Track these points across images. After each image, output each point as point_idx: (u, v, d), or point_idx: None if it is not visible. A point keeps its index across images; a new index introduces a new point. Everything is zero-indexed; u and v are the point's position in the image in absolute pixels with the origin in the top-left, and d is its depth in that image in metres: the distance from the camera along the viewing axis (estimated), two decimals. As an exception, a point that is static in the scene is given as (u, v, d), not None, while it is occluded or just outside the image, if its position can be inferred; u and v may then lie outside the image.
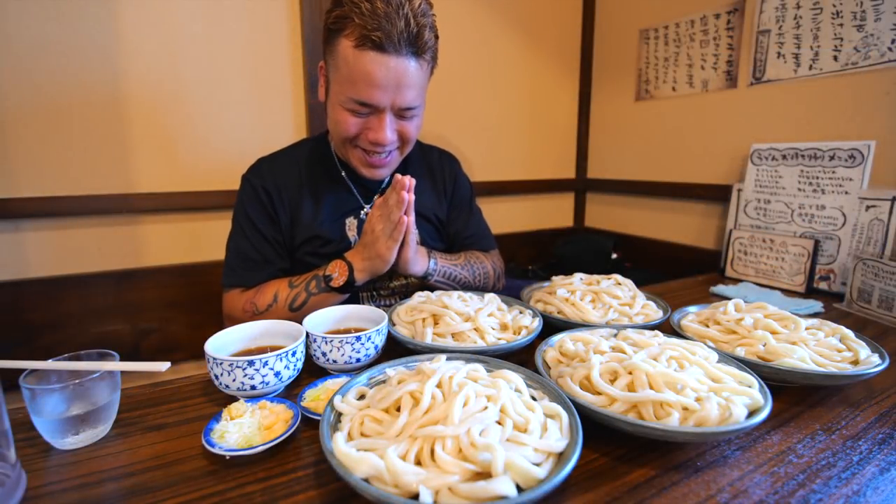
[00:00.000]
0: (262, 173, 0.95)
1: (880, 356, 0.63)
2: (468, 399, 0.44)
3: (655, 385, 0.49)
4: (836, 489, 0.44)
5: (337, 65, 0.79)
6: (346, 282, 0.82)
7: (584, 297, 0.82)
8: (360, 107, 0.80)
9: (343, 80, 0.79)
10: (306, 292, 0.84)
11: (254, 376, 0.55)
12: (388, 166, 0.91)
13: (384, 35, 0.73)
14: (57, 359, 0.53)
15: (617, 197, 1.88)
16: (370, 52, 0.75)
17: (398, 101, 0.80)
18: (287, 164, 0.97)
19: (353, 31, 0.75)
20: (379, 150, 0.86)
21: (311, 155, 0.98)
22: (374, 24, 0.73)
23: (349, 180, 0.97)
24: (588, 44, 1.88)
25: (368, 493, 0.36)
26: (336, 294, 0.84)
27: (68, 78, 1.11)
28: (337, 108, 0.83)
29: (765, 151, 1.25)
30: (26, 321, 1.14)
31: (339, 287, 0.82)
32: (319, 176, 0.96)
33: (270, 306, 0.85)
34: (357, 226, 0.95)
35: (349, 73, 0.77)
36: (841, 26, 1.13)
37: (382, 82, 0.77)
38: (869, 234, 1.06)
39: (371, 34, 0.73)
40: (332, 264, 0.84)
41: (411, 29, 0.75)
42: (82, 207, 1.17)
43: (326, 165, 0.97)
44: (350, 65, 0.77)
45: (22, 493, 0.43)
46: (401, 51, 0.76)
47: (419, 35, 0.76)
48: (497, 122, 1.77)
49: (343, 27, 0.76)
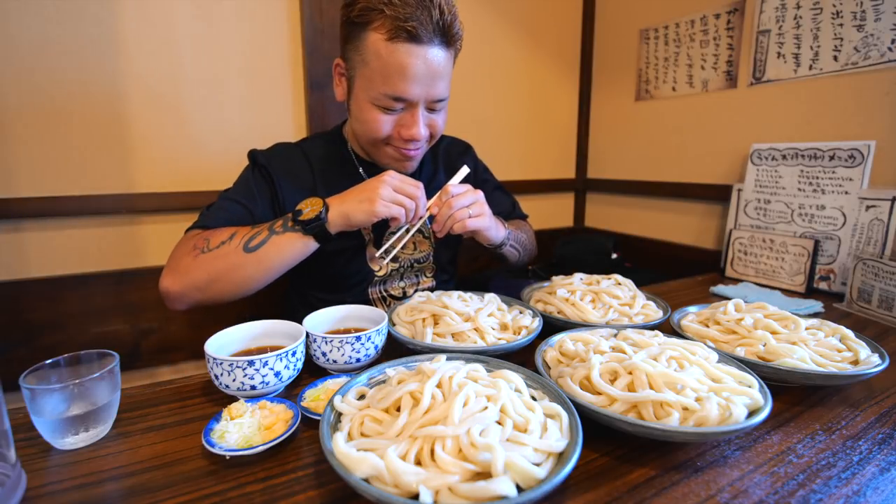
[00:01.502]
0: (274, 156, 0.90)
1: (880, 356, 0.63)
2: (468, 399, 0.44)
3: (655, 385, 0.50)
4: (836, 489, 0.44)
5: (365, 60, 0.76)
6: (315, 220, 0.72)
7: (584, 297, 0.82)
8: (393, 102, 0.77)
9: (374, 76, 0.76)
10: (269, 230, 0.74)
11: (254, 376, 0.55)
12: (417, 159, 0.89)
13: (419, 25, 0.70)
14: (57, 359, 0.53)
15: (617, 197, 1.88)
16: (405, 45, 0.72)
17: (431, 94, 0.78)
18: (301, 157, 0.93)
19: (383, 22, 0.71)
20: (411, 147, 0.84)
21: (326, 153, 0.96)
22: (408, 14, 0.70)
23: (366, 178, 0.94)
24: (588, 44, 1.88)
25: (368, 493, 0.36)
26: (301, 239, 0.73)
27: (68, 78, 1.11)
28: (366, 106, 0.80)
29: (765, 151, 1.25)
30: (26, 321, 1.14)
31: (306, 223, 0.72)
32: (335, 174, 0.93)
33: (223, 243, 0.73)
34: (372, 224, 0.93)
35: (382, 68, 0.74)
36: (841, 26, 1.13)
37: (418, 75, 0.74)
38: (869, 234, 1.06)
39: (406, 25, 0.70)
40: (304, 201, 0.75)
41: (445, 18, 0.72)
42: (82, 207, 1.17)
43: (343, 163, 0.95)
44: (383, 58, 0.73)
45: (22, 493, 0.43)
46: (434, 41, 0.73)
47: (452, 24, 0.74)
48: (497, 122, 1.77)
49: (371, 20, 0.73)
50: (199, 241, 0.75)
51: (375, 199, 0.73)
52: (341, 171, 0.94)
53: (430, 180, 1.01)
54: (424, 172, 1.01)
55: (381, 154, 0.87)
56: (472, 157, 1.11)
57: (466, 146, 1.12)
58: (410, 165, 0.90)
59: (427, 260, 0.99)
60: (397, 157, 0.86)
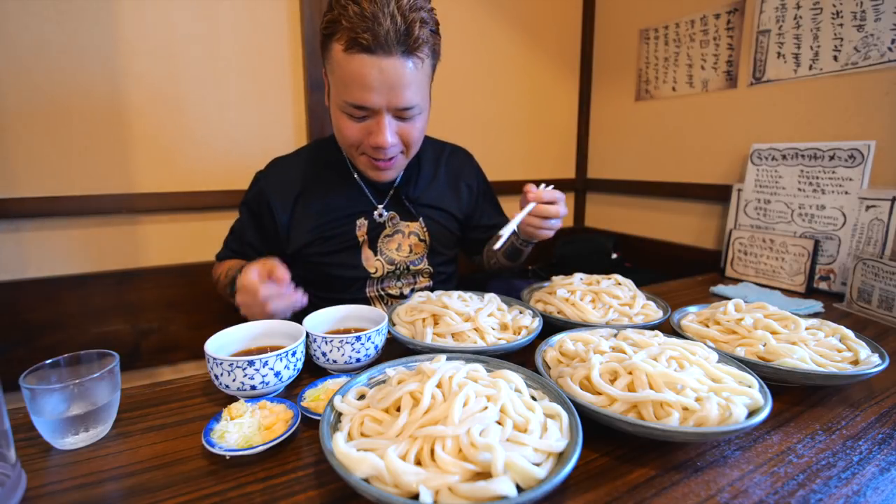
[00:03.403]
0: (268, 175, 0.97)
1: (880, 356, 0.63)
2: (468, 399, 0.44)
3: (655, 385, 0.49)
4: (836, 489, 0.44)
5: (332, 69, 0.79)
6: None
7: (584, 297, 0.82)
8: (356, 110, 0.80)
9: (338, 84, 0.79)
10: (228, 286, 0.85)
11: (254, 376, 0.55)
12: (394, 168, 0.90)
13: (372, 36, 0.72)
14: (57, 359, 0.53)
15: (617, 197, 1.88)
16: (359, 55, 0.74)
17: (394, 102, 0.79)
18: (294, 165, 0.97)
19: (342, 34, 0.74)
20: (381, 155, 0.85)
21: (319, 156, 0.99)
22: (362, 26, 0.72)
23: (360, 181, 0.96)
24: (588, 44, 1.89)
25: (368, 493, 0.36)
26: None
27: (68, 78, 1.11)
28: (336, 112, 0.83)
29: (765, 151, 1.25)
30: (26, 321, 1.14)
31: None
32: (329, 177, 0.96)
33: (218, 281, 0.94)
34: (367, 226, 0.95)
35: (342, 77, 0.77)
36: (841, 26, 1.13)
37: (374, 84, 0.76)
38: (869, 234, 1.06)
39: (359, 37, 0.72)
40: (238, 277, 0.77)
41: (399, 27, 0.73)
42: (82, 207, 1.17)
43: (337, 167, 0.97)
44: (343, 68, 0.76)
45: (22, 493, 0.43)
46: (391, 50, 0.74)
47: (409, 32, 0.74)
48: (497, 122, 1.77)
49: (334, 31, 0.75)
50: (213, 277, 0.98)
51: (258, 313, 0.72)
52: (334, 173, 0.97)
53: (429, 183, 1.01)
54: (423, 175, 1.01)
55: (358, 161, 0.90)
56: (475, 168, 1.11)
57: (468, 156, 1.13)
58: (387, 175, 0.90)
59: (422, 262, 1.00)
60: (370, 165, 0.88)
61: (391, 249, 0.96)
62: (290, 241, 0.94)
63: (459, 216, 1.05)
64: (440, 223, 1.01)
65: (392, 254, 0.96)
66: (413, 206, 0.99)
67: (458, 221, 1.06)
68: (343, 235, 0.93)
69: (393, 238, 0.97)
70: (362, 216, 0.95)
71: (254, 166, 1.00)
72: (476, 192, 1.08)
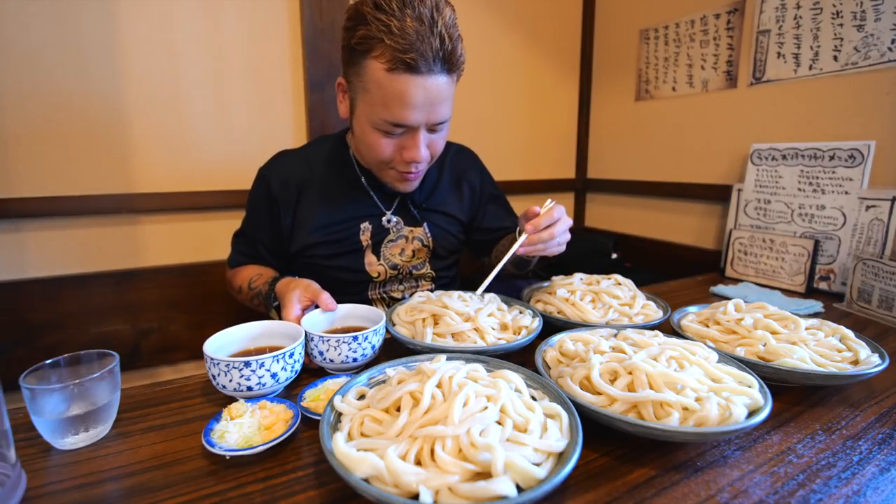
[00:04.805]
0: (273, 169, 0.95)
1: (880, 356, 0.63)
2: (468, 399, 0.44)
3: (655, 385, 0.49)
4: (836, 489, 0.44)
5: (366, 87, 0.76)
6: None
7: (584, 297, 0.82)
8: (394, 128, 0.78)
9: (374, 103, 0.76)
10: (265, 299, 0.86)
11: (250, 377, 0.55)
12: (419, 178, 0.90)
13: (418, 56, 0.69)
14: (57, 359, 0.53)
15: (617, 197, 1.88)
16: (404, 75, 0.71)
17: (432, 118, 0.78)
18: (301, 163, 0.95)
19: (383, 52, 0.70)
20: (413, 169, 0.84)
21: (328, 157, 0.97)
22: (407, 45, 0.68)
23: (368, 186, 0.95)
24: (588, 44, 1.88)
25: (368, 493, 0.36)
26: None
27: (68, 78, 1.11)
28: (368, 129, 0.80)
29: (765, 151, 1.25)
30: (26, 321, 1.14)
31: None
32: (336, 180, 0.95)
33: (241, 291, 0.95)
34: (372, 230, 0.94)
35: (382, 97, 0.74)
36: (841, 26, 1.13)
37: (418, 103, 0.74)
38: (869, 234, 1.06)
39: (405, 56, 0.69)
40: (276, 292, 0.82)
41: (446, 47, 0.71)
42: (82, 207, 1.17)
43: (345, 170, 0.95)
44: (383, 88, 0.73)
45: (22, 493, 0.43)
46: (434, 69, 0.72)
47: (453, 51, 0.73)
48: (497, 122, 1.77)
49: (371, 48, 0.71)
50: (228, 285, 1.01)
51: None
52: (342, 176, 0.95)
53: (434, 187, 1.01)
54: (428, 179, 1.01)
55: (384, 175, 0.89)
56: (479, 169, 1.10)
57: (473, 156, 1.11)
58: (413, 186, 0.91)
59: (424, 266, 1.00)
60: (399, 178, 0.87)
61: (394, 254, 0.96)
62: (293, 240, 0.94)
63: (462, 218, 1.05)
64: (444, 228, 1.01)
65: (395, 258, 0.96)
66: (418, 212, 0.98)
67: (462, 224, 1.05)
68: (347, 239, 0.93)
69: (396, 243, 0.96)
70: (367, 220, 0.94)
71: (254, 166, 1.00)
72: (479, 193, 1.07)
